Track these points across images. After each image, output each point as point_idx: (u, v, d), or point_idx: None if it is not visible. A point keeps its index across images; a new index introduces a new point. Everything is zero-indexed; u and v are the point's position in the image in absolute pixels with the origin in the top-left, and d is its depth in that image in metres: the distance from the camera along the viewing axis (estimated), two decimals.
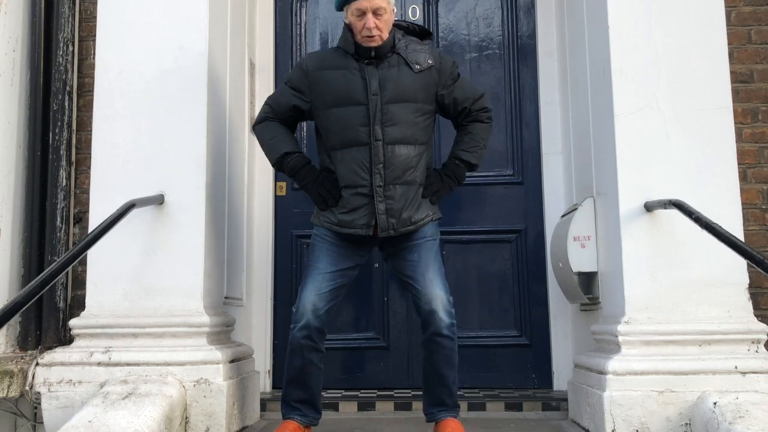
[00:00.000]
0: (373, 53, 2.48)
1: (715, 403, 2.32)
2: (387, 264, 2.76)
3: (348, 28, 2.52)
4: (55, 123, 3.07)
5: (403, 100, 2.47)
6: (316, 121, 2.59)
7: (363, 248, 2.57)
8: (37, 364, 2.62)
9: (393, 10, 2.53)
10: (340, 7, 2.53)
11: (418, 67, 2.50)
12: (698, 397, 2.40)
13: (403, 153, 2.47)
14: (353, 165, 2.46)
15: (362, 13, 2.43)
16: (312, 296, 2.46)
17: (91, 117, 2.85)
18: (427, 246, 2.52)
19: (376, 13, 2.43)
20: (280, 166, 2.57)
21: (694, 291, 2.55)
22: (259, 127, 2.62)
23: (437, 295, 2.46)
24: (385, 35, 2.48)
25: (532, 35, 3.72)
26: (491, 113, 2.64)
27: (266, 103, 2.65)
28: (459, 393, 3.26)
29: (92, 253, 2.64)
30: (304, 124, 2.80)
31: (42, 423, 2.62)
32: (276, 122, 2.60)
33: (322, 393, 3.28)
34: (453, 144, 2.63)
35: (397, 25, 2.58)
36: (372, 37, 2.44)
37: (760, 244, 3.02)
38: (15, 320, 2.90)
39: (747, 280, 2.57)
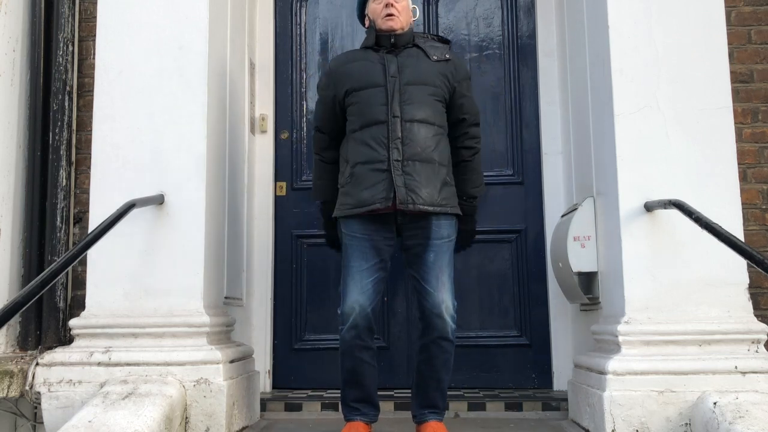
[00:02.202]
0: (392, 40, 2.60)
1: (715, 403, 2.32)
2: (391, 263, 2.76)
3: (370, 29, 2.67)
4: (55, 123, 3.07)
5: (420, 83, 2.55)
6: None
7: (388, 237, 2.54)
8: (37, 364, 2.62)
9: (410, 5, 2.70)
10: (361, 14, 2.76)
11: (435, 57, 2.61)
12: (698, 397, 2.40)
13: (422, 131, 2.51)
14: (371, 142, 2.50)
15: None
16: (356, 294, 2.46)
17: (91, 117, 2.85)
18: (443, 248, 2.52)
19: None
20: (320, 206, 2.72)
21: (694, 291, 2.55)
22: (315, 159, 2.75)
23: (447, 300, 2.47)
24: (403, 20, 2.63)
25: (532, 35, 3.72)
26: None
27: (315, 128, 2.75)
28: (459, 393, 3.29)
29: (92, 253, 2.64)
30: None
31: (42, 423, 2.62)
32: (324, 163, 2.69)
33: (323, 393, 3.32)
34: (460, 179, 2.62)
35: (416, 33, 2.73)
36: (391, 15, 2.58)
37: (760, 244, 3.02)
38: (15, 320, 2.90)
39: (747, 280, 2.57)
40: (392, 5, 2.59)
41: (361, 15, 2.78)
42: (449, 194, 2.54)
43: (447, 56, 2.62)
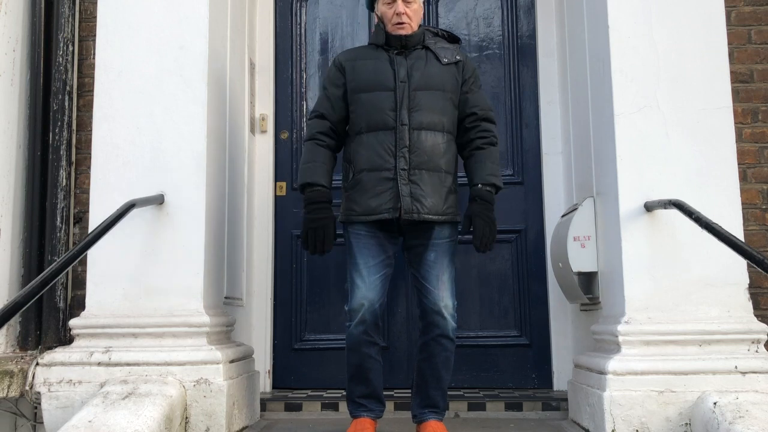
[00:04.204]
0: (402, 42, 2.56)
1: (715, 403, 2.32)
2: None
3: (379, 26, 2.62)
4: (55, 123, 3.07)
5: (430, 88, 2.52)
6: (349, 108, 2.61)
7: (392, 236, 2.55)
8: (37, 364, 2.62)
9: (421, 5, 2.65)
10: (371, 4, 2.67)
11: (446, 60, 2.57)
12: (698, 397, 2.40)
13: (429, 139, 2.49)
14: (378, 148, 2.49)
15: (392, 0, 2.55)
16: (363, 291, 2.46)
17: (91, 117, 2.85)
18: (445, 247, 2.52)
19: (405, 0, 2.55)
20: (302, 191, 2.56)
21: (694, 291, 2.55)
22: (305, 144, 2.62)
23: (447, 299, 2.48)
24: (415, 25, 2.59)
25: (532, 35, 3.72)
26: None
27: (313, 116, 2.63)
28: (459, 393, 3.29)
29: (92, 253, 2.64)
30: None
31: (42, 423, 2.62)
32: (320, 147, 2.56)
33: (323, 393, 3.32)
34: (474, 166, 2.56)
35: (427, 29, 2.69)
36: (402, 23, 2.55)
37: (760, 244, 3.02)
38: (15, 320, 2.90)
39: (747, 280, 2.57)
40: (403, 13, 2.54)
41: (371, 3, 2.70)
42: (454, 203, 2.54)
43: (457, 58, 2.59)
